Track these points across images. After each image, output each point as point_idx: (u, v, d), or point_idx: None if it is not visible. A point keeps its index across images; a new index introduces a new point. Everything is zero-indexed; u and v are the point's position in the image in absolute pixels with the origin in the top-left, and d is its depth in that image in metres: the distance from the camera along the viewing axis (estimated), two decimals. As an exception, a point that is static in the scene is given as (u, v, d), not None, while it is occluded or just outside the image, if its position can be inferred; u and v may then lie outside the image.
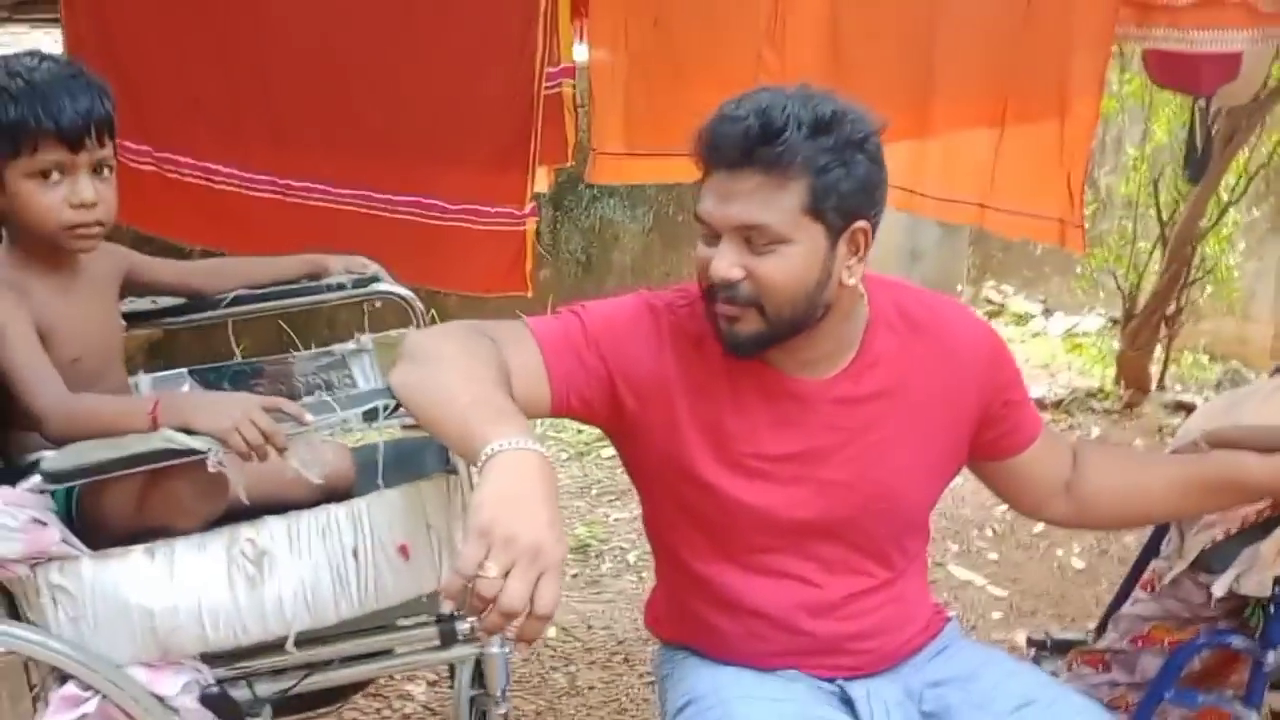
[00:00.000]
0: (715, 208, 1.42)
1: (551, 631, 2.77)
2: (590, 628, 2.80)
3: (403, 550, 1.57)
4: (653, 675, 2.58)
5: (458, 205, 2.92)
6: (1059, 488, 1.70)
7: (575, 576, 3.04)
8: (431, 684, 2.54)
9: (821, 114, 1.39)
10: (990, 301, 5.60)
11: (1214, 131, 3.40)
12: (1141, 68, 3.49)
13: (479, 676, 2.20)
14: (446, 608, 1.61)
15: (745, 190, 1.39)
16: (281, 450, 1.50)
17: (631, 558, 3.11)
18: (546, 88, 2.85)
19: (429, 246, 2.79)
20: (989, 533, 3.30)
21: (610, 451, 3.61)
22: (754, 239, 1.41)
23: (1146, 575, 2.05)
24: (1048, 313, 5.39)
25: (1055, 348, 4.95)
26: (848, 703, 1.58)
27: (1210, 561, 1.81)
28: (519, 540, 1.15)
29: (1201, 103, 3.30)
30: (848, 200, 1.42)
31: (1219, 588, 1.77)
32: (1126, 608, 2.05)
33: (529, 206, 2.85)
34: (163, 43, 2.73)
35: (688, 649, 1.66)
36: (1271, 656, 1.75)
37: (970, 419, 1.61)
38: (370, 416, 1.52)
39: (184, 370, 2.05)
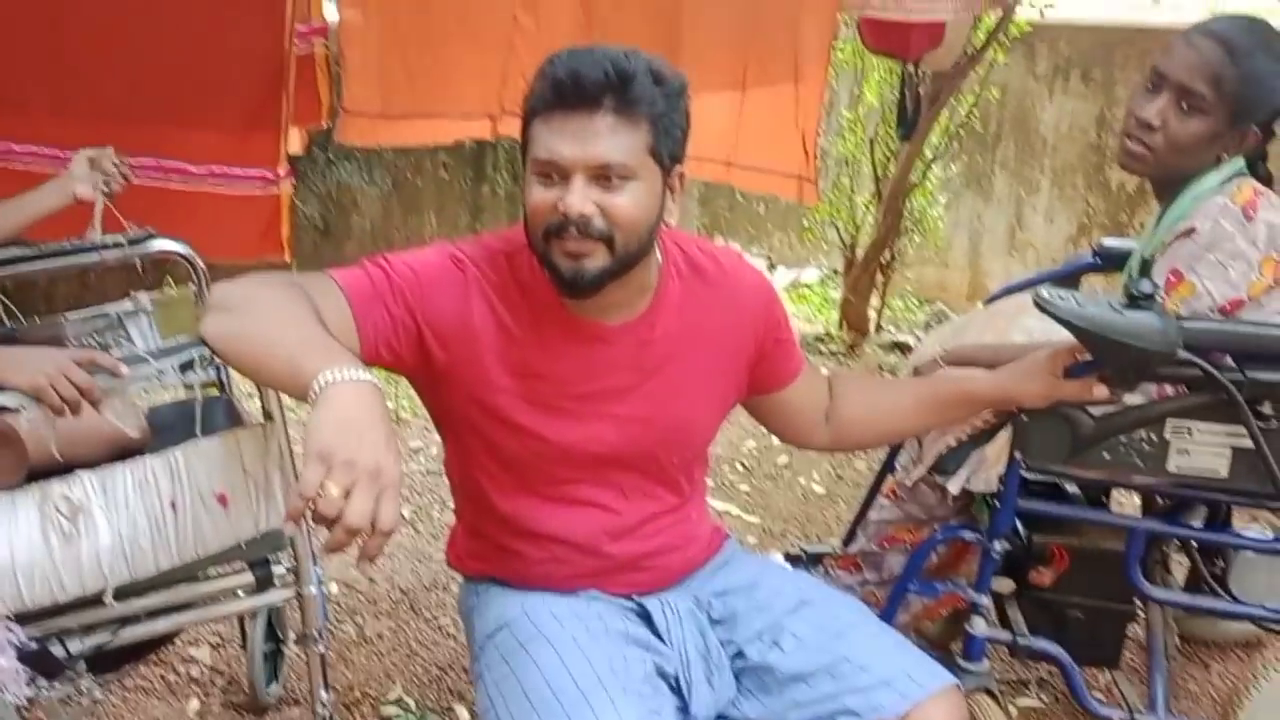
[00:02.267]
0: (570, 148, 1.47)
1: (334, 588, 2.80)
2: (373, 581, 2.84)
3: (221, 499, 1.60)
4: (442, 621, 2.68)
5: (203, 168, 2.85)
6: (820, 417, 1.88)
7: (351, 534, 3.07)
8: (215, 647, 2.52)
9: (656, 67, 1.50)
10: (719, 258, 5.88)
11: (921, 94, 3.77)
12: (855, 35, 3.79)
13: (271, 631, 2.24)
14: (288, 530, 1.61)
15: (601, 130, 1.46)
16: (96, 404, 1.50)
17: (406, 512, 3.16)
18: (297, 47, 2.82)
19: (175, 212, 2.67)
20: (739, 468, 3.55)
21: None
22: (610, 176, 1.48)
23: (887, 485, 2.32)
24: (772, 267, 5.73)
25: (781, 298, 5.29)
26: (645, 616, 1.69)
27: (945, 464, 2.06)
28: (359, 462, 1.18)
29: (911, 68, 3.65)
30: (675, 144, 1.53)
31: (954, 485, 2.03)
32: (872, 515, 2.29)
33: (283, 169, 2.82)
34: None
35: (492, 580, 1.73)
36: (997, 545, 1.98)
37: (748, 355, 1.75)
38: (186, 367, 1.53)
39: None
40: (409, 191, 5.03)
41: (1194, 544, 2.09)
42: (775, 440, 3.52)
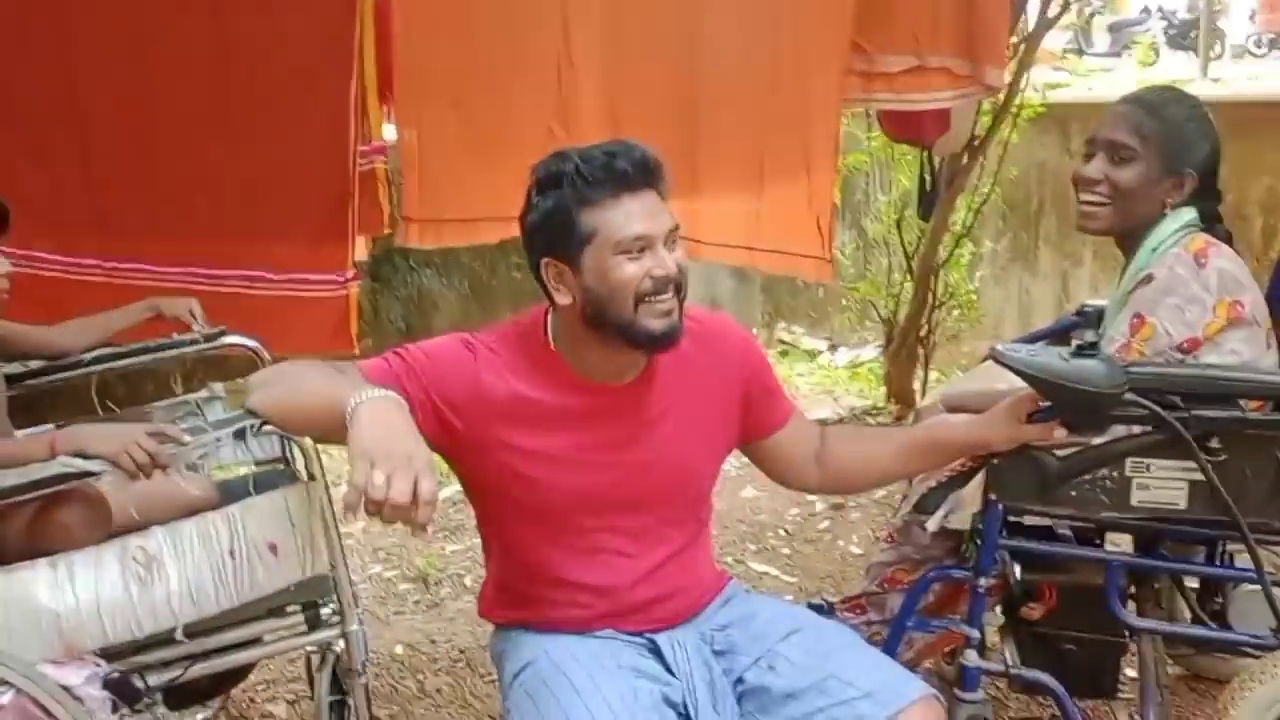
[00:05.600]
0: (650, 222, 1.74)
1: (399, 649, 3.05)
2: (434, 642, 3.09)
3: (272, 548, 1.87)
4: (494, 676, 2.89)
5: (283, 275, 3.18)
6: (811, 460, 2.04)
7: (417, 602, 3.34)
8: (290, 703, 2.79)
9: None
10: (782, 341, 6.10)
11: (940, 176, 4.00)
12: (878, 125, 4.05)
13: (336, 684, 2.48)
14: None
15: (655, 204, 1.75)
16: (164, 468, 1.79)
17: (467, 581, 3.42)
18: (360, 165, 3.16)
19: (257, 314, 2.98)
20: (781, 533, 3.74)
21: (440, 495, 3.93)
22: (675, 238, 1.77)
23: (885, 530, 2.50)
24: (833, 348, 5.93)
25: (839, 376, 5.49)
26: (655, 651, 1.86)
27: (926, 504, 2.24)
28: (394, 452, 1.48)
29: (928, 152, 3.89)
30: None
31: (932, 524, 2.20)
32: (874, 558, 2.48)
33: (350, 272, 3.14)
34: None
35: (519, 626, 1.91)
36: (983, 581, 2.09)
37: (736, 403, 1.95)
38: (240, 435, 1.82)
39: (50, 427, 2.27)
40: (485, 292, 5.35)
41: (1181, 579, 2.21)
42: (818, 507, 3.77)
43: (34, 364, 2.25)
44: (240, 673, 2.22)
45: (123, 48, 2.97)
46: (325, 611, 2.00)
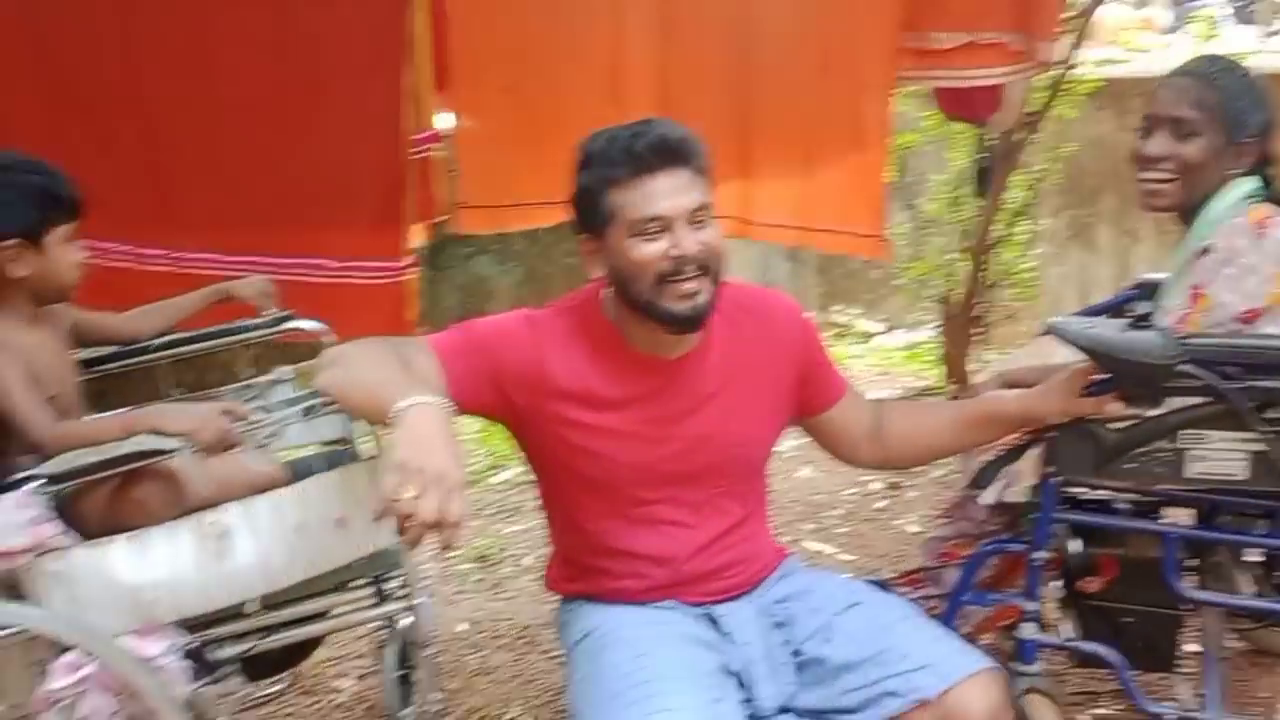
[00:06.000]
0: (668, 201, 1.74)
1: (462, 625, 3.11)
2: (496, 620, 3.14)
3: (340, 522, 1.92)
4: (556, 651, 2.94)
5: (341, 263, 3.25)
6: (865, 435, 2.08)
7: (479, 581, 3.39)
8: (360, 678, 2.85)
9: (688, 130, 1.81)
10: (837, 324, 6.08)
11: (995, 153, 3.98)
12: (934, 103, 4.03)
13: (402, 658, 2.55)
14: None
15: (684, 183, 1.75)
16: (236, 446, 1.86)
17: (526, 561, 3.46)
18: (414, 153, 3.22)
19: (318, 301, 3.00)
20: (838, 512, 3.74)
21: (498, 477, 4.00)
22: (702, 217, 1.77)
23: (943, 505, 2.51)
24: (889, 329, 5.91)
25: (895, 358, 5.48)
26: (713, 622, 1.91)
27: (982, 478, 2.25)
28: (427, 468, 1.47)
29: (982, 129, 3.87)
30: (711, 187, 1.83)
31: (987, 497, 2.21)
32: (931, 532, 2.49)
33: (407, 259, 3.20)
34: (49, 135, 2.96)
35: (582, 597, 1.97)
36: (1040, 555, 2.10)
37: (791, 378, 1.99)
38: (307, 413, 1.88)
39: (123, 411, 2.36)
40: (540, 278, 5.39)
41: (1242, 551, 2.20)
42: (874, 486, 3.79)
43: (104, 350, 2.32)
44: (310, 646, 2.29)
45: (185, 41, 3.05)
46: (391, 585, 2.06)
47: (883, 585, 2.59)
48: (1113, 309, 2.66)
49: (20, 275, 2.03)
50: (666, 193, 1.75)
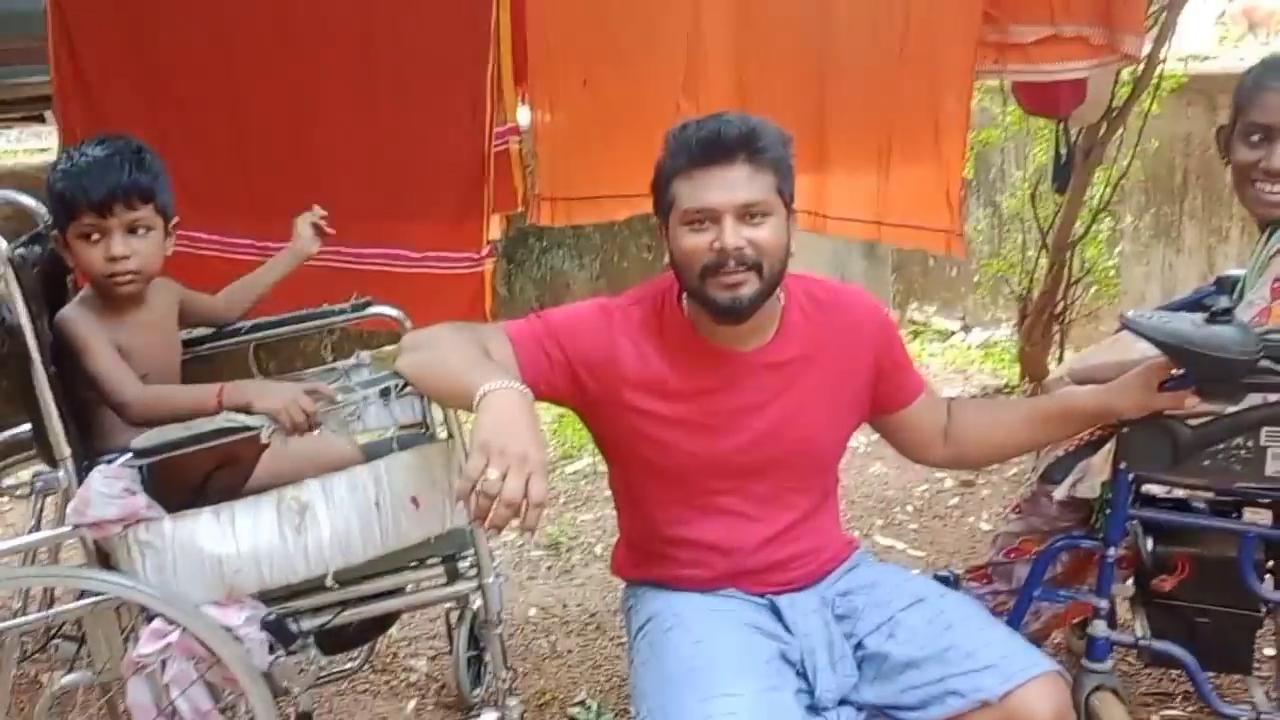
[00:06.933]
0: (717, 195, 1.75)
1: (532, 611, 3.17)
2: (565, 606, 3.19)
3: (415, 501, 1.97)
4: (623, 638, 2.98)
5: (421, 253, 3.30)
6: (939, 435, 2.06)
7: (550, 568, 3.44)
8: (431, 658, 2.92)
9: (767, 123, 1.82)
10: (914, 322, 6.04)
11: (1076, 149, 3.92)
12: (1014, 98, 3.98)
13: (473, 639, 2.60)
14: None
15: (740, 177, 1.76)
16: (318, 426, 1.91)
17: (597, 550, 3.51)
18: (495, 145, 3.26)
19: (398, 291, 3.04)
20: (909, 509, 3.74)
21: (572, 467, 4.05)
22: (753, 214, 1.77)
23: (1014, 500, 2.49)
24: (966, 328, 5.86)
25: (972, 356, 5.43)
26: (775, 611, 1.92)
27: (1053, 474, 2.23)
28: (510, 450, 1.50)
29: (1064, 124, 3.81)
30: (790, 184, 1.83)
31: (1059, 492, 2.20)
32: (1001, 527, 2.48)
33: (485, 250, 3.25)
34: (147, 133, 3.08)
35: (648, 583, 2.00)
36: (1113, 552, 2.10)
37: (867, 376, 1.98)
38: (385, 394, 1.93)
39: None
40: (615, 272, 5.44)
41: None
42: (946, 483, 3.77)
43: (201, 331, 2.40)
44: (384, 622, 2.35)
45: (274, 38, 3.12)
46: (463, 565, 2.10)
47: (952, 580, 2.61)
48: (1193, 305, 2.62)
49: (73, 266, 2.11)
50: (717, 186, 1.76)
